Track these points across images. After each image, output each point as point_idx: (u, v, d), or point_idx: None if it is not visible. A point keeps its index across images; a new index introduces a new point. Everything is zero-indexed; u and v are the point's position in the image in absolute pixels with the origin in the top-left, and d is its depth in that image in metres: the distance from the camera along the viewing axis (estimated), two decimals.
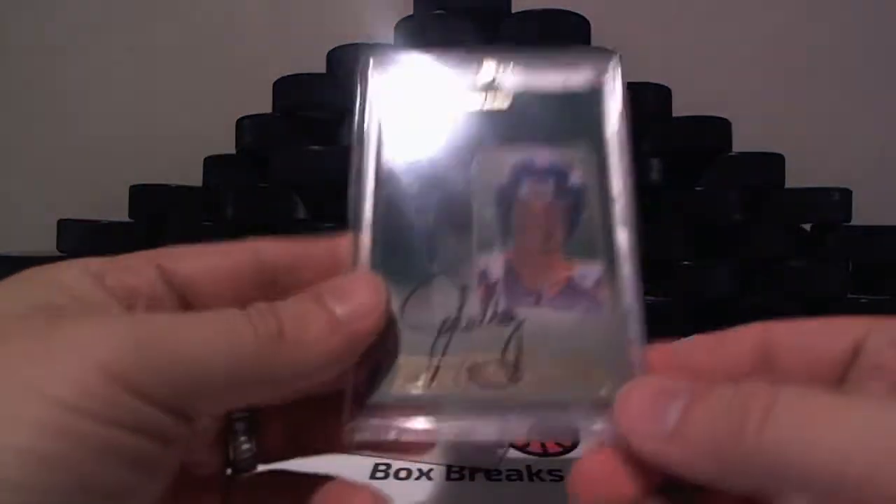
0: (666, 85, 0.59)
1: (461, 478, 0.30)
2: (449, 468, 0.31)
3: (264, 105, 0.59)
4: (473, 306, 0.20)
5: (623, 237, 0.21)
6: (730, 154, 0.58)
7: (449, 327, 0.20)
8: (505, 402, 0.19)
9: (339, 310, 0.18)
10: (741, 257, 0.57)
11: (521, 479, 0.31)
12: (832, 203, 0.57)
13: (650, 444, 0.16)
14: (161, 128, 0.73)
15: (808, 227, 0.60)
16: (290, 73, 0.57)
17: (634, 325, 0.20)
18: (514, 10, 0.60)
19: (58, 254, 0.58)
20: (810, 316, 0.62)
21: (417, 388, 0.19)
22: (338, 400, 0.19)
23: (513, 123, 0.22)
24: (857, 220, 0.58)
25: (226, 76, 0.72)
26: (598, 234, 0.21)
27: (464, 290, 0.20)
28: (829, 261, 0.57)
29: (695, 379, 0.17)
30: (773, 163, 0.58)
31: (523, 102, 0.23)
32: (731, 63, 0.73)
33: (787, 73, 0.74)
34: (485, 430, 0.19)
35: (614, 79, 0.23)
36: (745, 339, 0.20)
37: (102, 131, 0.73)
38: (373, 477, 0.30)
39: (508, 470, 0.31)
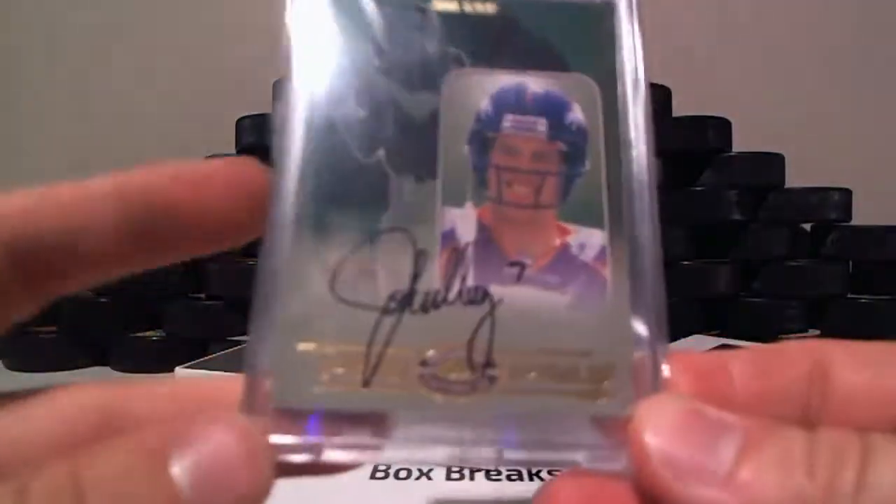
0: (666, 85, 0.59)
1: (461, 478, 0.30)
2: (449, 468, 0.31)
3: (264, 105, 0.59)
4: (433, 278, 0.15)
5: (639, 195, 0.16)
6: (730, 154, 0.58)
7: (398, 305, 0.14)
8: (470, 414, 0.14)
9: (189, 495, 0.11)
10: (741, 257, 0.57)
11: (521, 478, 0.31)
12: (832, 203, 0.57)
13: (696, 487, 0.12)
14: (161, 128, 0.73)
15: (808, 227, 0.60)
16: None
17: (651, 315, 0.15)
18: None
19: None
20: (810, 316, 0.62)
21: (350, 387, 0.14)
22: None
23: (497, 37, 0.17)
24: (856, 220, 0.58)
25: (226, 76, 0.72)
26: (603, 192, 0.16)
27: (421, 256, 0.15)
28: (829, 261, 0.57)
29: (733, 403, 0.14)
30: (773, 163, 0.58)
31: (512, 9, 0.17)
32: (732, 63, 0.73)
33: (788, 73, 0.74)
34: (439, 453, 0.14)
35: None
36: (800, 359, 0.15)
37: (102, 131, 0.73)
38: (372, 477, 0.30)
39: (509, 470, 0.31)
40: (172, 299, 0.53)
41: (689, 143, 0.57)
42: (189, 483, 0.11)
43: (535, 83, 0.17)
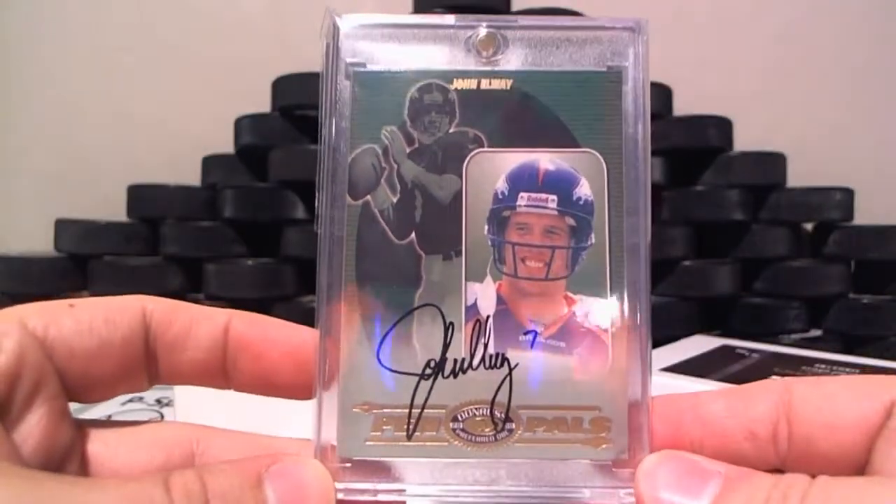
0: (667, 84, 0.59)
1: None
2: None
3: (263, 104, 0.59)
4: (460, 347, 0.18)
5: (638, 268, 0.18)
6: (731, 153, 0.58)
7: (432, 372, 0.18)
8: (494, 460, 0.17)
9: None
10: (742, 257, 0.56)
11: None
12: (834, 203, 0.57)
13: None
14: (159, 127, 0.72)
15: (809, 226, 0.60)
16: (289, 73, 0.56)
17: (642, 374, 0.18)
18: (513, 9, 0.60)
19: (55, 254, 0.57)
20: (811, 316, 0.62)
21: (397, 441, 0.17)
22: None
23: (513, 116, 0.18)
24: (858, 220, 0.58)
25: (225, 75, 0.72)
26: (606, 265, 0.18)
27: (449, 328, 0.18)
28: (831, 261, 0.57)
29: (710, 438, 0.17)
30: (774, 162, 0.58)
31: (524, 87, 0.18)
32: (733, 62, 0.73)
33: (789, 72, 0.74)
34: (469, 490, 0.17)
35: (636, 60, 0.19)
36: (767, 397, 0.18)
37: (100, 131, 0.73)
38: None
39: None
40: None
41: (690, 143, 0.57)
42: (276, 501, 0.15)
43: (546, 161, 0.18)
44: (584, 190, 0.18)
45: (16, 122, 0.74)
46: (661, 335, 0.50)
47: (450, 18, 0.19)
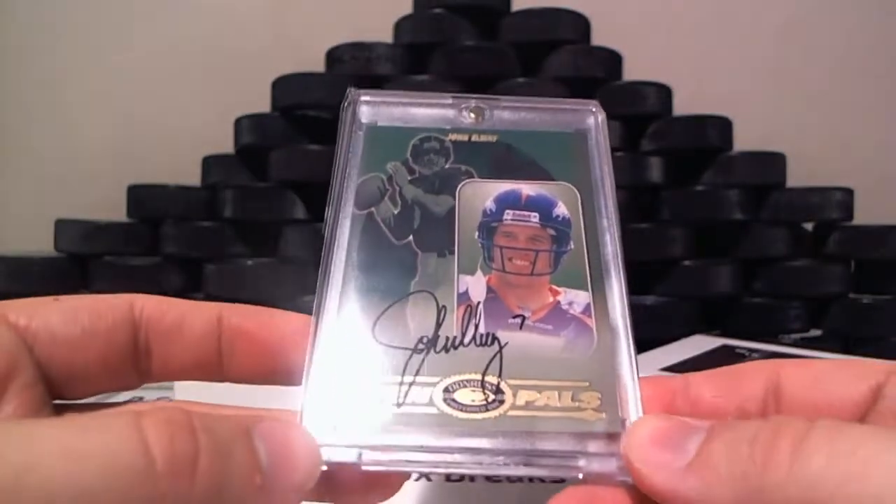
0: (666, 83, 0.59)
1: (461, 479, 0.30)
2: None
3: (263, 104, 0.59)
4: (452, 327, 0.19)
5: (612, 267, 0.20)
6: (731, 153, 0.58)
7: (425, 347, 0.18)
8: (485, 429, 0.17)
9: (266, 465, 0.14)
10: (741, 257, 0.56)
11: (521, 480, 0.30)
12: (834, 202, 0.57)
13: (663, 476, 0.15)
14: (159, 127, 0.72)
15: (809, 226, 0.60)
16: (288, 73, 0.56)
17: (627, 354, 0.19)
18: (513, 9, 0.60)
19: (55, 254, 0.57)
20: (811, 316, 0.62)
21: (386, 410, 0.17)
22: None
23: (498, 158, 0.22)
24: (858, 220, 0.58)
25: (224, 75, 0.72)
26: (585, 266, 0.20)
27: (442, 310, 0.19)
28: (831, 260, 0.56)
29: (699, 413, 0.17)
30: (774, 162, 0.58)
31: (509, 139, 0.23)
32: (733, 61, 0.73)
33: (789, 72, 0.74)
34: (460, 458, 0.17)
35: (597, 123, 0.23)
36: (756, 377, 0.18)
37: (100, 131, 0.73)
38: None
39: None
40: None
41: (690, 143, 0.57)
42: (265, 453, 0.14)
43: (528, 188, 0.22)
44: (561, 209, 0.21)
45: (16, 122, 0.74)
46: (661, 335, 0.50)
47: (448, 97, 0.24)
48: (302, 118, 0.57)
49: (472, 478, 0.31)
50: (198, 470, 0.13)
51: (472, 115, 0.23)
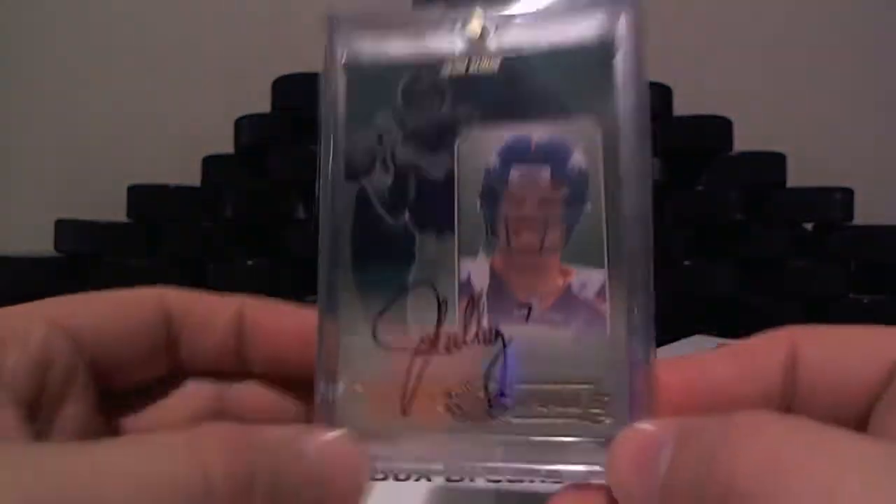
0: (666, 84, 0.59)
1: (461, 479, 0.30)
2: None
3: (263, 104, 0.59)
4: (454, 323, 0.18)
5: (635, 235, 0.17)
6: (731, 153, 0.58)
7: (427, 348, 0.17)
8: (488, 439, 0.17)
9: (320, 479, 0.15)
10: (741, 257, 0.56)
11: (521, 480, 0.30)
12: (834, 202, 0.57)
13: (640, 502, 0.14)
14: (159, 127, 0.72)
15: (809, 226, 0.60)
16: (289, 72, 0.56)
17: (643, 345, 0.17)
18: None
19: (55, 254, 0.57)
20: (812, 316, 0.61)
21: (393, 416, 0.17)
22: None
23: (501, 93, 0.18)
24: (858, 220, 0.58)
25: (224, 75, 0.72)
26: (603, 233, 0.17)
27: (444, 304, 0.18)
28: (831, 261, 0.56)
29: (718, 398, 0.16)
30: (774, 162, 0.58)
31: (514, 65, 0.18)
32: (732, 62, 0.73)
33: (789, 72, 0.74)
34: (464, 466, 0.17)
35: (629, 31, 0.18)
36: (775, 349, 0.17)
37: (100, 131, 0.73)
38: (373, 478, 0.30)
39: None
40: None
41: (690, 143, 0.57)
42: (319, 466, 0.15)
43: (538, 132, 0.18)
44: (578, 159, 0.18)
45: (16, 122, 0.74)
46: (661, 335, 0.50)
47: (438, 11, 0.19)
48: (302, 118, 0.57)
49: (472, 478, 0.31)
50: (254, 489, 0.13)
51: (471, 35, 0.19)
